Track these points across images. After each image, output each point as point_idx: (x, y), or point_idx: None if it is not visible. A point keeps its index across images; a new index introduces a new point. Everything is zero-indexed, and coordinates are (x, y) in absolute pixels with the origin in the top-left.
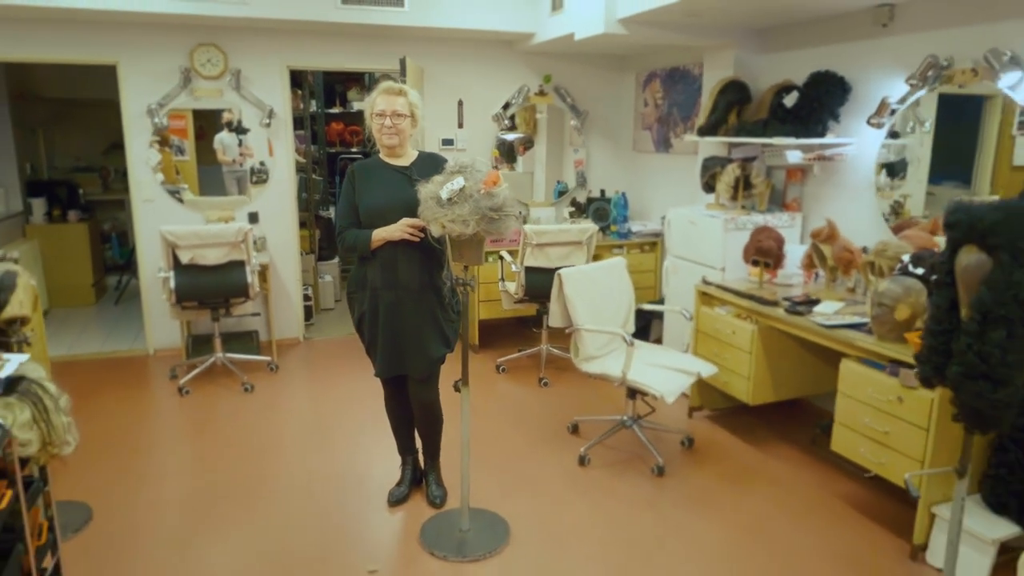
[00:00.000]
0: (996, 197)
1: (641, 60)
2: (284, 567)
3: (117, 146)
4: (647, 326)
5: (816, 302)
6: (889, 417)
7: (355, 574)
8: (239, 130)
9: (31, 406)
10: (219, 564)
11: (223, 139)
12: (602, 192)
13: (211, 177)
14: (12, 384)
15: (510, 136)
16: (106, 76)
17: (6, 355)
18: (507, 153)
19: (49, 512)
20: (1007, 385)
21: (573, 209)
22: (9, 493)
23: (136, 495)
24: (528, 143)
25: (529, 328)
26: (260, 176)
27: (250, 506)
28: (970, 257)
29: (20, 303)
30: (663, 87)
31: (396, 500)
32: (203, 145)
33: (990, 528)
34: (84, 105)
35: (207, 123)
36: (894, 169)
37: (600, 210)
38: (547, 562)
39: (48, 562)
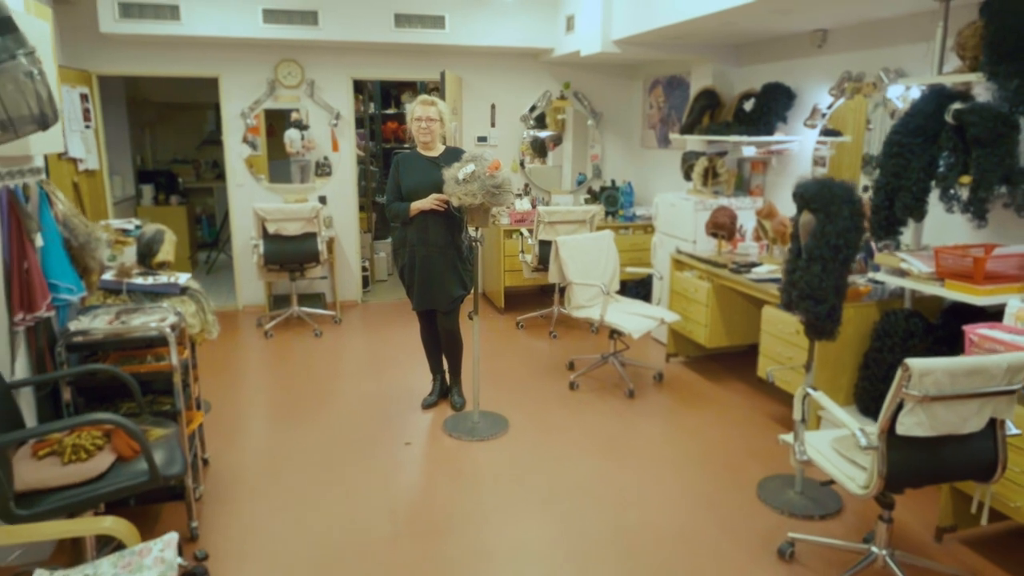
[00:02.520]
0: None
1: (646, 69)
2: (347, 440)
3: (207, 142)
4: (648, 292)
5: (756, 265)
6: (791, 345)
7: (396, 444)
8: (302, 127)
9: (195, 303)
10: (301, 438)
11: (290, 135)
12: (612, 182)
13: (278, 169)
14: (183, 290)
15: (542, 134)
16: (200, 84)
17: (179, 274)
18: (538, 149)
19: (198, 381)
20: (824, 302)
21: (588, 196)
22: (186, 352)
23: (239, 398)
24: (557, 140)
25: (547, 295)
26: (324, 169)
27: (321, 408)
28: (805, 217)
29: (167, 252)
30: (664, 92)
31: (427, 405)
32: (273, 141)
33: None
34: (181, 108)
35: (276, 122)
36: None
37: (610, 197)
38: (534, 444)
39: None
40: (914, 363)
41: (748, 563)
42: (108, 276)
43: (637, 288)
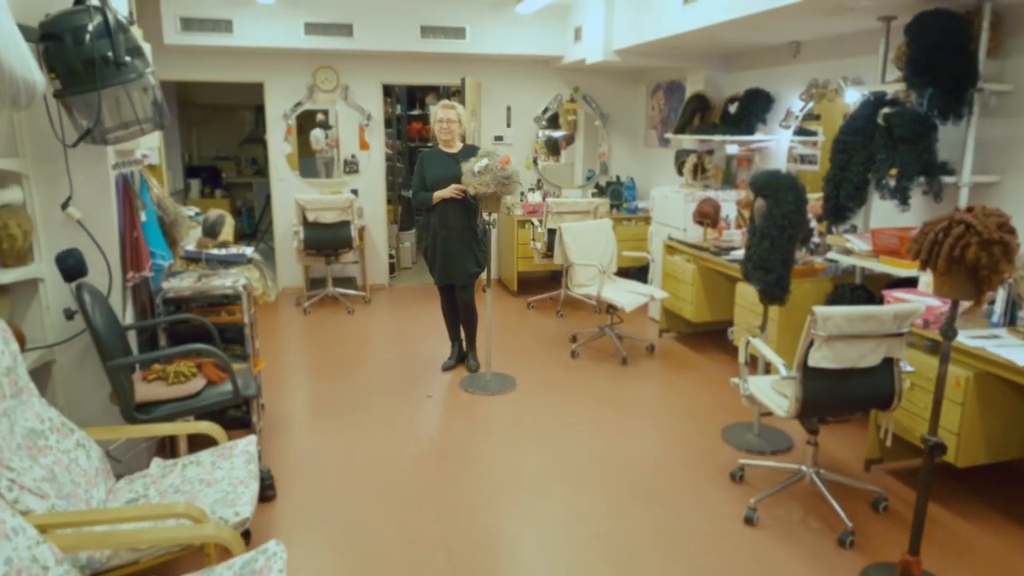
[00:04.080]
0: None
1: (649, 74)
2: (378, 393)
3: (248, 140)
4: (647, 276)
5: (735, 249)
6: (758, 315)
7: (419, 397)
8: (325, 126)
9: (258, 270)
10: (339, 391)
11: (315, 134)
12: (617, 177)
13: (306, 165)
14: (249, 259)
15: (556, 134)
16: (241, 88)
17: (244, 247)
18: (552, 147)
19: (259, 337)
20: (772, 272)
21: (596, 191)
22: (254, 309)
23: (286, 360)
24: (570, 140)
25: (556, 279)
26: (351, 167)
27: (355, 369)
28: (759, 202)
29: (227, 233)
30: (664, 95)
31: (446, 368)
32: (302, 139)
33: None
34: (224, 109)
35: (306, 122)
36: None
37: (615, 191)
38: (538, 399)
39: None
40: (819, 310)
41: (706, 484)
42: (189, 247)
43: (639, 274)
